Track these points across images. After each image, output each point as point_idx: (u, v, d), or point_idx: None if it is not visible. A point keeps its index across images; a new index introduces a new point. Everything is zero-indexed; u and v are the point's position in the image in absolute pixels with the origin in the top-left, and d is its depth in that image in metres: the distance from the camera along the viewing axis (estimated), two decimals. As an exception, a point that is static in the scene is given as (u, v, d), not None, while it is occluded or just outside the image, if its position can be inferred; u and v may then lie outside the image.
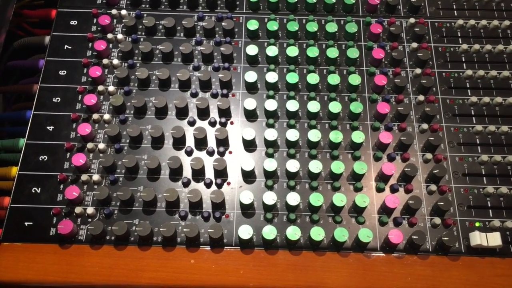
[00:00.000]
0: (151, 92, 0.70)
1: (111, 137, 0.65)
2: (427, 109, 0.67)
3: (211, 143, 0.66)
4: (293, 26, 0.72)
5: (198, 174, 0.64)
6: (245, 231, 0.59)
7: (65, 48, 0.72)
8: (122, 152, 0.65)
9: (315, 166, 0.63)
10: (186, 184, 0.64)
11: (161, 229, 0.59)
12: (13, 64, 0.76)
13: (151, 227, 0.60)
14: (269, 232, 0.60)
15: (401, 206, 0.63)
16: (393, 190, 0.64)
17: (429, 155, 0.65)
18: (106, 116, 0.67)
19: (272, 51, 0.70)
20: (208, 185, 0.64)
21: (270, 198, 0.61)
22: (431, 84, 0.69)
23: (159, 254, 0.60)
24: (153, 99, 0.68)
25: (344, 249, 0.61)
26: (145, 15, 0.75)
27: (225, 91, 0.69)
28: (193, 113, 0.68)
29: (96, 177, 0.63)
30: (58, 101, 0.68)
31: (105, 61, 0.71)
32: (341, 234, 0.60)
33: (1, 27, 0.69)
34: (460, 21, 0.74)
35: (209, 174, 0.64)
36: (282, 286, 0.59)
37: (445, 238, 0.60)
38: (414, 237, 0.60)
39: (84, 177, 0.63)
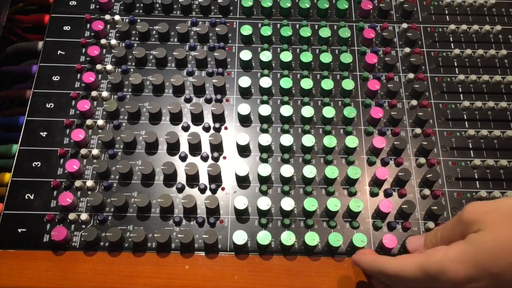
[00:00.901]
0: (145, 97, 0.69)
1: (105, 142, 0.65)
2: (420, 113, 0.68)
3: (205, 148, 0.66)
4: (286, 31, 0.72)
5: (193, 179, 0.64)
6: (240, 237, 0.59)
7: (58, 53, 0.72)
8: (116, 158, 0.65)
9: (309, 171, 0.63)
10: (180, 190, 0.64)
11: (155, 235, 0.59)
12: (6, 69, 0.76)
13: (145, 233, 0.60)
14: (264, 237, 0.60)
15: (395, 211, 0.63)
16: (387, 194, 0.64)
17: (422, 160, 0.66)
18: (100, 122, 0.67)
19: (265, 56, 0.71)
20: (203, 191, 0.64)
21: (264, 203, 0.61)
22: (424, 89, 0.70)
23: (154, 260, 0.60)
24: (147, 104, 0.68)
25: (339, 253, 0.61)
26: (138, 21, 0.75)
27: (219, 96, 0.69)
28: (187, 119, 0.68)
29: (89, 183, 0.63)
30: (52, 106, 0.68)
31: (98, 66, 0.70)
32: (336, 239, 0.60)
33: (-6, 33, 0.69)
34: (452, 26, 0.75)
35: (204, 179, 0.64)
36: (276, 292, 0.59)
37: (439, 242, 0.60)
38: (408, 241, 0.60)
39: (77, 183, 0.63)
